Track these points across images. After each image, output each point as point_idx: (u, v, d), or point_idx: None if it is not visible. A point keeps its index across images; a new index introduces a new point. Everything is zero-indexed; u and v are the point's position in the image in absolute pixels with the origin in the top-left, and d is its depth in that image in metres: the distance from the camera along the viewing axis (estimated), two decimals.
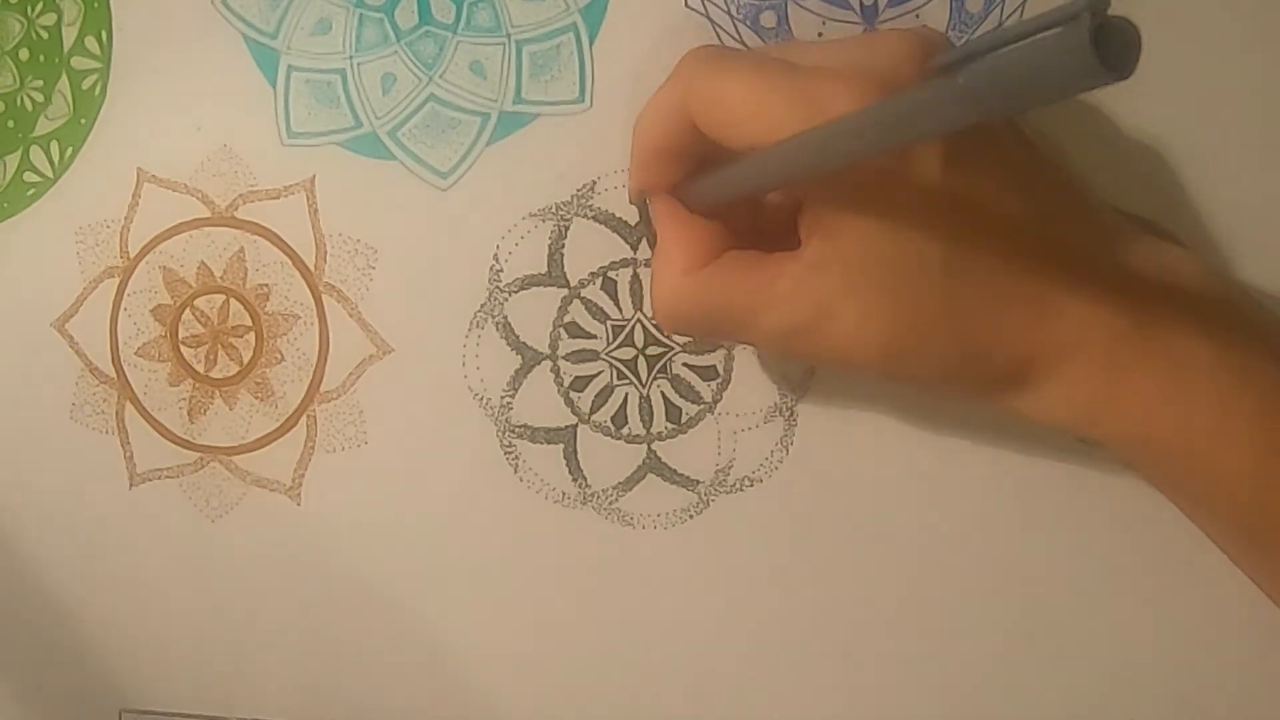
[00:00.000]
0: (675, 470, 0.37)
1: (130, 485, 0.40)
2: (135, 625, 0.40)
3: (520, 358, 0.37)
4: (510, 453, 0.37)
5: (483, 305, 0.37)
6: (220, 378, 0.39)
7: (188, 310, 0.39)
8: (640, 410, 0.37)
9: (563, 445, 0.37)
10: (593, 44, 0.35)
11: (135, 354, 0.39)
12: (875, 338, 0.28)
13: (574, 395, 0.37)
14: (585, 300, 0.36)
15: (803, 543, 0.36)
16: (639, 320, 0.36)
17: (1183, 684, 0.35)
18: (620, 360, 0.37)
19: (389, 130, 0.36)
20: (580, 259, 0.36)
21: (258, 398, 0.39)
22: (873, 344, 0.28)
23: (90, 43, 0.37)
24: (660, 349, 0.36)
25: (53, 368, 0.39)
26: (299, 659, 0.40)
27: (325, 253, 0.37)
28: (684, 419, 0.37)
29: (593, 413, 0.37)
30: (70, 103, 0.38)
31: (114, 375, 0.39)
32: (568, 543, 0.38)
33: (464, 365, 0.37)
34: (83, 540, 0.40)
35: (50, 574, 0.41)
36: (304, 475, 0.39)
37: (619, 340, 0.36)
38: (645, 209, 0.32)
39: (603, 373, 0.37)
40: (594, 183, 0.36)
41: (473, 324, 0.37)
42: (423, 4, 0.35)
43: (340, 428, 0.38)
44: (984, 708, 0.36)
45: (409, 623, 0.39)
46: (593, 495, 0.37)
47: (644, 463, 0.37)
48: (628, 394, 0.37)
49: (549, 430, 0.37)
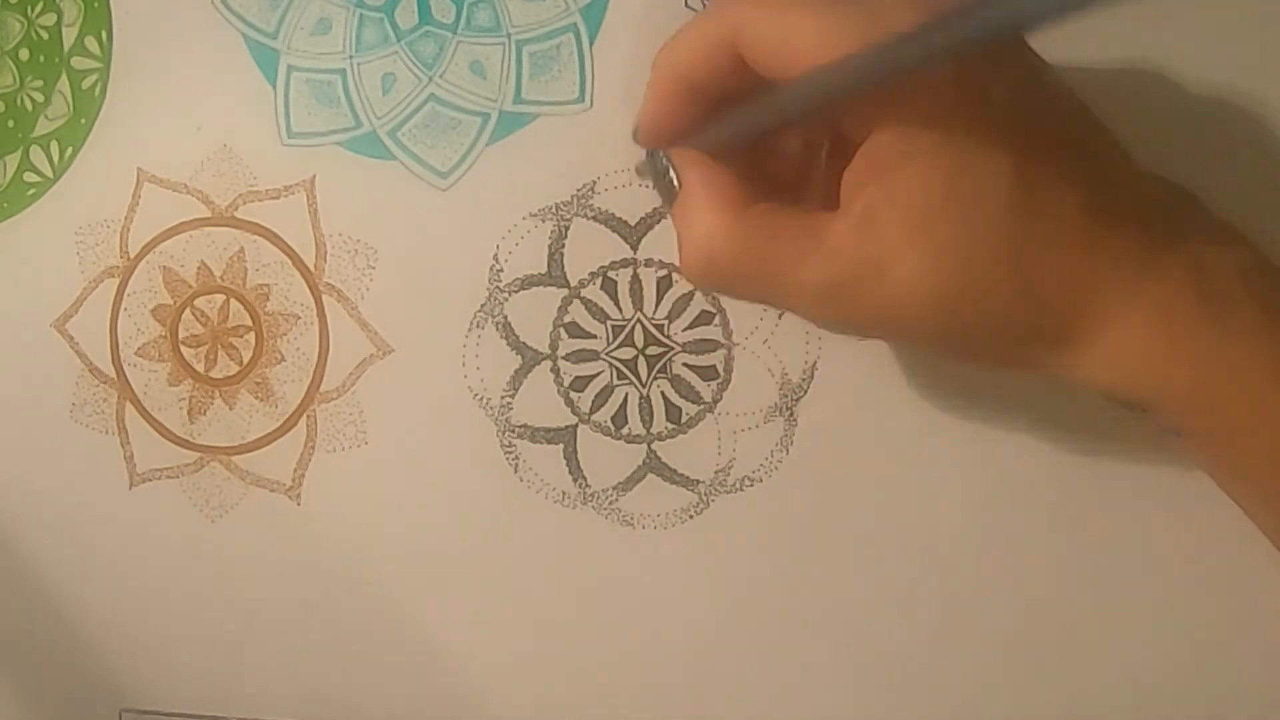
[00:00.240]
0: (675, 470, 0.37)
1: (130, 485, 0.40)
2: (135, 625, 0.40)
3: (520, 358, 0.37)
4: (510, 453, 0.37)
5: (483, 305, 0.37)
6: (220, 378, 0.39)
7: (188, 310, 0.39)
8: (640, 410, 0.37)
9: (563, 445, 0.37)
10: (593, 44, 0.35)
11: (135, 354, 0.39)
12: (934, 285, 0.27)
13: (574, 395, 0.37)
14: (585, 300, 0.36)
15: (803, 543, 0.36)
16: (639, 320, 0.36)
17: (1183, 684, 0.35)
18: (620, 360, 0.37)
19: (389, 130, 0.36)
20: (580, 259, 0.36)
21: (258, 398, 0.39)
22: (930, 292, 0.27)
23: (90, 43, 0.37)
24: (660, 349, 0.36)
25: (53, 368, 0.39)
26: (299, 659, 0.40)
27: (325, 253, 0.37)
28: (684, 419, 0.37)
29: (593, 413, 0.37)
30: (70, 103, 0.38)
31: (114, 375, 0.39)
32: (568, 543, 0.38)
33: (464, 365, 0.37)
34: (83, 540, 0.40)
35: (50, 574, 0.41)
36: (304, 475, 0.39)
37: (619, 340, 0.36)
38: (656, 159, 0.30)
39: (603, 373, 0.37)
40: (594, 183, 0.36)
41: (473, 324, 0.37)
42: (423, 4, 0.35)
43: (340, 428, 0.38)
44: (985, 707, 0.36)
45: (409, 622, 0.39)
46: (593, 495, 0.37)
47: (644, 463, 0.37)
48: (628, 394, 0.37)
49: (549, 430, 0.37)
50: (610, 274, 0.36)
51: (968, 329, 0.28)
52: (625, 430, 0.37)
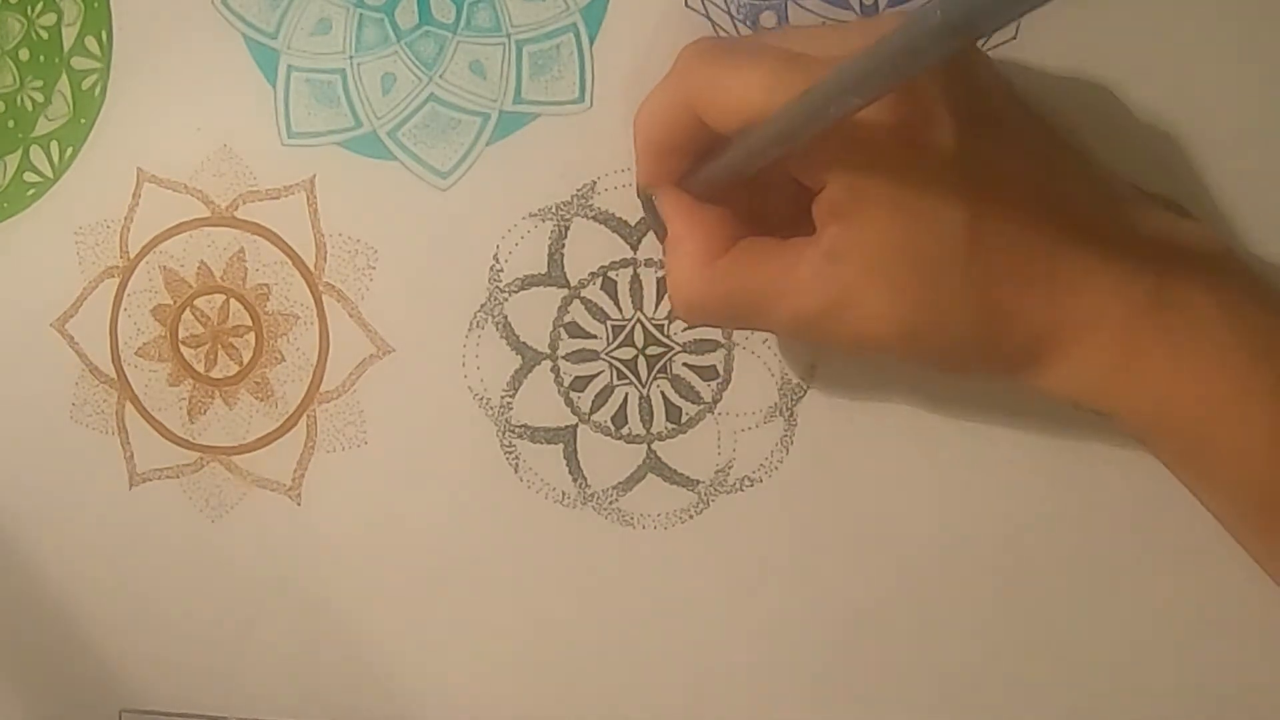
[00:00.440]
0: (675, 470, 0.37)
1: (130, 485, 0.40)
2: (135, 625, 0.40)
3: (520, 358, 0.37)
4: (510, 453, 0.37)
5: (483, 305, 0.37)
6: (220, 378, 0.39)
7: (188, 310, 0.39)
8: (640, 410, 0.37)
9: (563, 445, 0.37)
10: (593, 44, 0.35)
11: (135, 354, 0.39)
12: (896, 321, 0.28)
13: (574, 395, 0.37)
14: (585, 300, 0.36)
15: (803, 543, 0.36)
16: (639, 320, 0.36)
17: (1185, 685, 0.35)
18: (620, 360, 0.37)
19: (389, 130, 0.36)
20: (580, 259, 0.36)
21: (258, 398, 0.39)
22: (893, 327, 0.28)
23: (90, 43, 0.37)
24: (660, 349, 0.36)
25: (53, 368, 0.39)
26: (299, 659, 0.40)
27: (325, 253, 0.37)
28: (684, 419, 0.37)
29: (593, 413, 0.37)
30: (70, 103, 0.38)
31: (114, 375, 0.39)
32: (568, 543, 0.38)
33: (464, 365, 0.37)
34: (83, 540, 0.40)
35: (50, 574, 0.41)
36: (304, 475, 0.39)
37: (619, 340, 0.36)
38: (650, 204, 0.33)
39: (603, 373, 0.37)
40: (594, 183, 0.36)
41: (473, 324, 0.37)
42: (423, 4, 0.35)
43: (340, 428, 0.38)
44: (985, 707, 0.36)
45: (409, 623, 0.39)
46: (593, 495, 0.37)
47: (644, 463, 0.37)
48: (628, 394, 0.37)
49: (549, 430, 0.37)
50: (610, 274, 0.36)
51: (935, 356, 0.29)
52: (625, 430, 0.37)
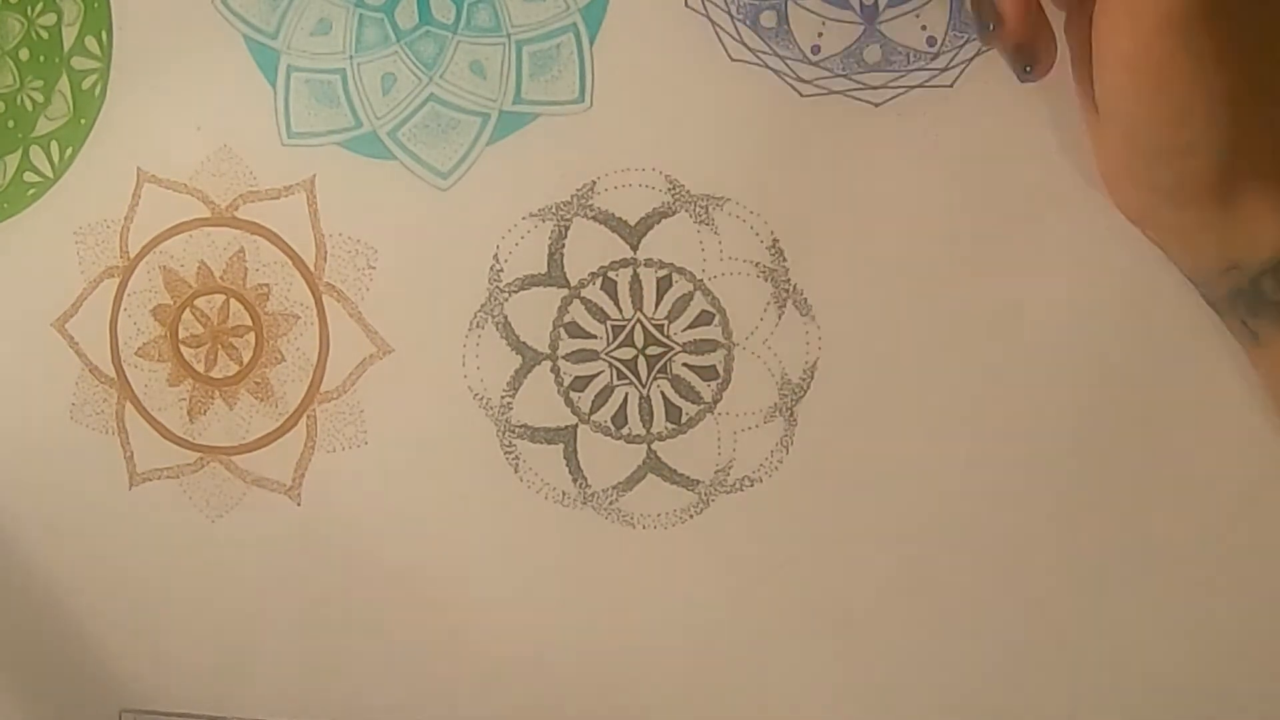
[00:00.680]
0: (675, 470, 0.37)
1: (130, 485, 0.40)
2: (135, 625, 0.40)
3: (520, 358, 0.37)
4: (510, 453, 0.37)
5: (483, 305, 0.37)
6: (220, 378, 0.39)
7: (188, 310, 0.39)
8: (640, 410, 0.37)
9: (563, 445, 0.37)
10: (593, 44, 0.35)
11: (135, 354, 0.39)
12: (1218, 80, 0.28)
13: (574, 395, 0.37)
14: (585, 300, 0.36)
15: (803, 543, 0.36)
16: (639, 320, 0.36)
17: (1186, 686, 0.35)
18: (620, 360, 0.37)
19: (389, 130, 0.36)
20: (580, 259, 0.36)
21: (258, 398, 0.39)
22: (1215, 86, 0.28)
23: (90, 43, 0.37)
24: (660, 349, 0.36)
25: (53, 368, 0.39)
26: (299, 659, 0.40)
27: (325, 253, 0.37)
28: (684, 419, 0.37)
29: (593, 413, 0.37)
30: (70, 103, 0.38)
31: (114, 375, 0.39)
32: (568, 543, 0.38)
33: (464, 365, 0.37)
34: (83, 540, 0.40)
35: (50, 574, 0.41)
36: (304, 475, 0.39)
37: (619, 340, 0.36)
38: None
39: (603, 373, 0.37)
40: (594, 183, 0.36)
41: (473, 324, 0.37)
42: (423, 4, 0.35)
43: (340, 428, 0.38)
44: (985, 707, 0.36)
45: (409, 622, 0.39)
46: (593, 495, 0.37)
47: (644, 463, 0.37)
48: (628, 394, 0.37)
49: (549, 430, 0.37)
50: (610, 274, 0.36)
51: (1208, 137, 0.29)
52: (625, 430, 0.37)
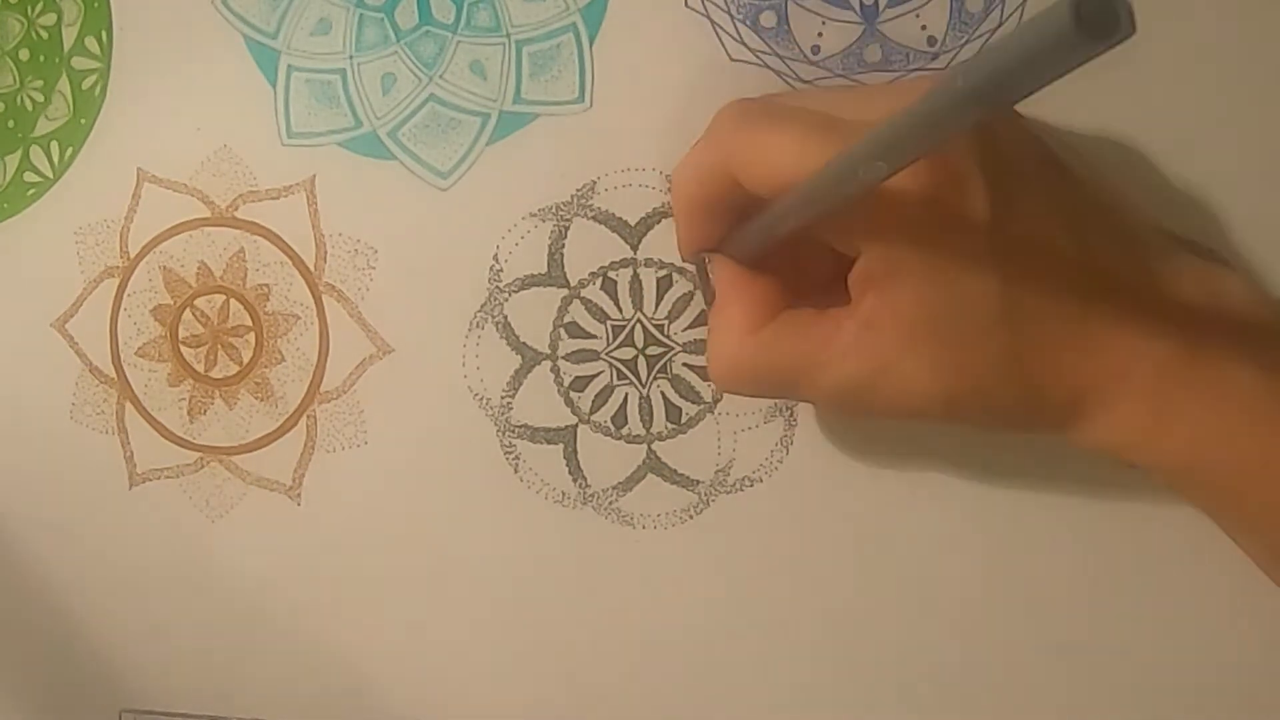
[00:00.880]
0: (675, 470, 0.37)
1: (130, 485, 0.40)
2: (135, 625, 0.41)
3: (520, 358, 0.37)
4: (510, 453, 0.37)
5: (483, 305, 0.37)
6: (220, 378, 0.39)
7: (188, 310, 0.39)
8: (640, 410, 0.37)
9: (563, 445, 0.37)
10: (593, 44, 0.35)
11: (135, 354, 0.39)
12: (934, 390, 0.28)
13: (574, 395, 0.37)
14: (585, 300, 0.36)
15: (803, 543, 0.36)
16: (639, 320, 0.36)
17: (1187, 687, 0.35)
18: (620, 360, 0.37)
19: (389, 130, 0.36)
20: (580, 259, 0.36)
21: (258, 398, 0.39)
22: (932, 396, 0.28)
23: (90, 43, 0.37)
24: (660, 349, 0.36)
25: (53, 368, 0.39)
26: (299, 659, 0.40)
27: (325, 253, 0.37)
28: (684, 419, 0.37)
29: (593, 413, 0.37)
30: (70, 103, 0.38)
31: (114, 375, 0.39)
32: (568, 543, 0.38)
33: (464, 365, 0.37)
34: (83, 540, 0.40)
35: (50, 574, 0.41)
36: (304, 475, 0.39)
37: (619, 340, 0.36)
38: (701, 267, 0.33)
39: (603, 373, 0.37)
40: (594, 183, 0.36)
41: (473, 324, 0.37)
42: (423, 4, 0.35)
43: (340, 428, 0.38)
44: (985, 708, 0.36)
45: (408, 623, 0.39)
46: (593, 495, 0.37)
47: (644, 463, 0.37)
48: (628, 394, 0.37)
49: (549, 430, 0.37)
50: (610, 274, 0.36)
51: (973, 419, 0.30)
52: (625, 430, 0.37)
